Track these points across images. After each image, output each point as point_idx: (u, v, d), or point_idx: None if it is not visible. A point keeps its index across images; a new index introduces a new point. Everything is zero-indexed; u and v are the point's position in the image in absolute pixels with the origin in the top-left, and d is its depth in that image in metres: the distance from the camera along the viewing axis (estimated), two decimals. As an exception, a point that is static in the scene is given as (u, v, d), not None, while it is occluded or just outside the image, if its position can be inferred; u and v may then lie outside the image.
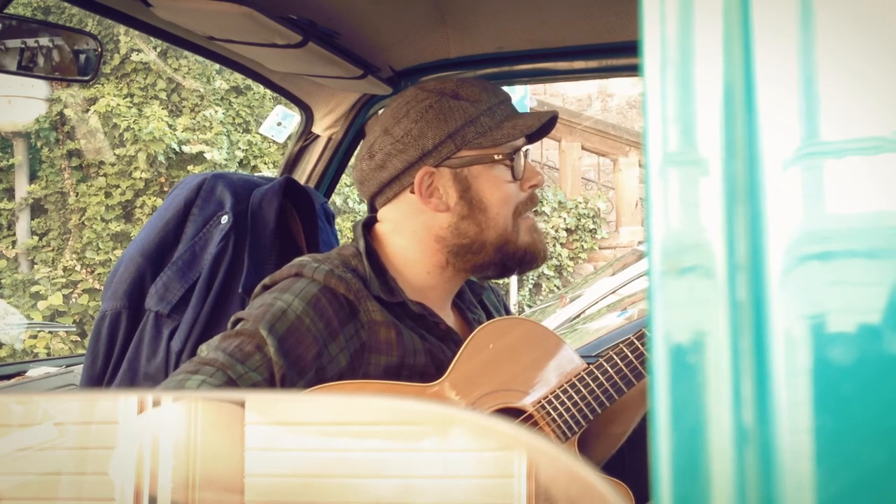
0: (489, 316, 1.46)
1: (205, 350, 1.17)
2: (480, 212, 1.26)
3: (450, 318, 1.36)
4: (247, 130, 8.54)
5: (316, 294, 1.19)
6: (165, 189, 8.24)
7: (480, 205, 1.26)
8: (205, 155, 8.11)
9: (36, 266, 8.37)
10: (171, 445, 0.50)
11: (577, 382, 1.25)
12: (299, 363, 1.16)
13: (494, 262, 1.29)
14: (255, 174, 3.57)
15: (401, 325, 1.25)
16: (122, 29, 8.02)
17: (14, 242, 8.49)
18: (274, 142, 6.91)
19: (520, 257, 1.29)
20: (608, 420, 1.35)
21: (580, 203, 9.03)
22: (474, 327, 1.36)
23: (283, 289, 1.21)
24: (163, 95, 8.31)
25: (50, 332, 7.78)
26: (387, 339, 1.22)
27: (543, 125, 1.31)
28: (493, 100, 1.27)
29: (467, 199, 1.26)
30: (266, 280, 1.27)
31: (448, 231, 1.27)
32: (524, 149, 1.31)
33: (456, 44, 1.74)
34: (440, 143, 1.24)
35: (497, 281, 1.40)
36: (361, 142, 1.49)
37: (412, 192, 1.27)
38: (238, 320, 1.21)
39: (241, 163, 8.44)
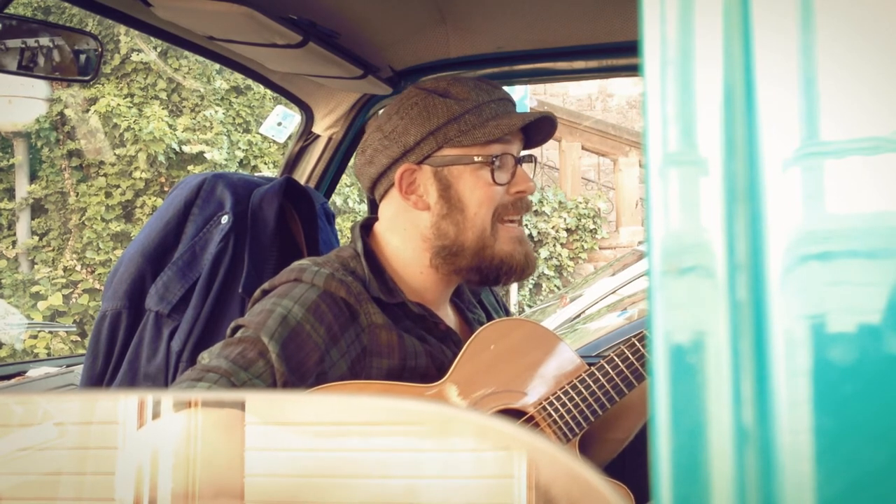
0: (489, 315, 1.46)
1: (206, 358, 1.17)
2: (459, 212, 1.25)
3: (449, 318, 1.36)
4: (247, 130, 8.54)
5: (315, 300, 1.19)
6: (165, 189, 8.23)
7: (459, 204, 1.25)
8: (205, 155, 8.10)
9: (36, 266, 8.36)
10: (172, 456, 0.50)
11: (578, 384, 1.24)
12: (300, 369, 1.15)
13: (472, 267, 1.27)
14: (255, 174, 3.56)
15: (401, 328, 1.25)
16: (122, 29, 8.01)
17: (14, 242, 8.48)
18: (274, 142, 6.91)
19: (497, 266, 1.26)
20: (610, 426, 1.35)
21: (580, 203, 9.02)
22: (474, 327, 1.36)
23: (282, 294, 1.21)
24: (163, 95, 8.31)
25: (50, 332, 7.78)
26: (388, 342, 1.22)
27: (541, 129, 1.29)
28: (482, 98, 1.25)
29: (447, 199, 1.25)
30: (265, 285, 1.27)
31: (430, 231, 1.27)
32: (522, 154, 1.29)
33: (456, 44, 1.74)
34: (421, 139, 1.24)
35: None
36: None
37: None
38: (238, 327, 1.20)
39: (241, 163, 8.44)
